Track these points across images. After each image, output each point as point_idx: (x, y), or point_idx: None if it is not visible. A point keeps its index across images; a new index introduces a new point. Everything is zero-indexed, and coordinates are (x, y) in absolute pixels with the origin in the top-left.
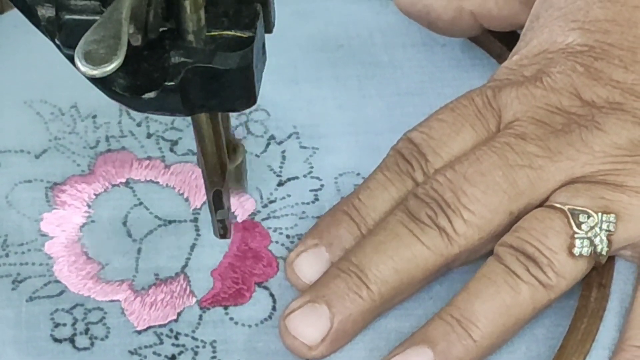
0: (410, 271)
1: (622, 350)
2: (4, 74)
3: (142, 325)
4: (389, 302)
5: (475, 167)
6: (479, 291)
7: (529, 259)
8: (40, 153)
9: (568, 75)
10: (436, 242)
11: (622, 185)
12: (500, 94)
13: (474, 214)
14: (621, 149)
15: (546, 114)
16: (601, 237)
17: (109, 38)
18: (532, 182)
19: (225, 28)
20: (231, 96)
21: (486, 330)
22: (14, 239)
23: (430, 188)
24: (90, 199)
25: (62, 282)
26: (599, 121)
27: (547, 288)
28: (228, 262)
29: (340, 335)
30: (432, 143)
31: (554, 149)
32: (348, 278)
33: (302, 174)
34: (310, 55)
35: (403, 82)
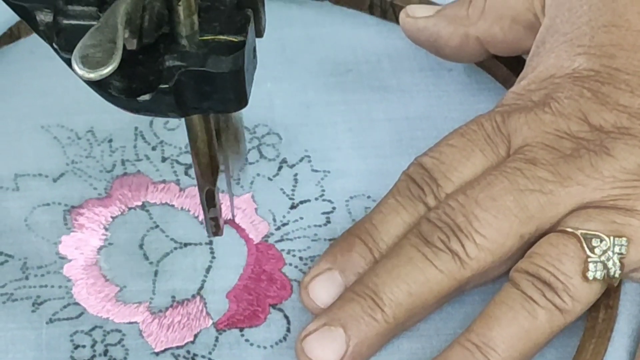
0: (423, 294)
1: None
2: (22, 100)
3: (160, 346)
4: (403, 324)
5: (486, 192)
6: (497, 317)
7: (544, 284)
8: (57, 177)
9: (575, 100)
10: (449, 266)
11: (633, 209)
12: (510, 120)
13: (486, 238)
14: (630, 174)
15: (555, 139)
16: (614, 261)
17: (105, 42)
18: (543, 206)
19: (217, 33)
20: (223, 98)
21: (505, 355)
22: (33, 261)
23: (443, 212)
24: (107, 222)
25: (81, 305)
26: (608, 146)
27: (563, 312)
28: (243, 284)
29: (356, 357)
30: (443, 168)
31: (564, 174)
32: (363, 301)
33: (314, 197)
34: (320, 80)
35: (411, 106)
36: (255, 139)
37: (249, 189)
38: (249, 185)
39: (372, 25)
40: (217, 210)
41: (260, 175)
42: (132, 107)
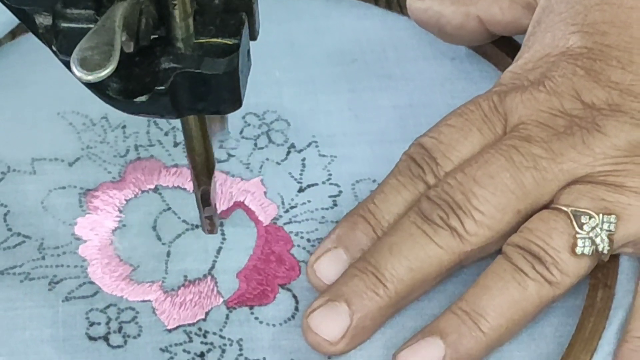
0: (424, 270)
1: (625, 342)
2: (38, 88)
3: (172, 324)
4: (405, 299)
5: (484, 169)
6: (488, 287)
7: (534, 257)
8: (73, 161)
9: (569, 78)
10: (448, 242)
11: (622, 186)
12: (506, 99)
13: (484, 214)
14: (620, 150)
15: (549, 117)
16: (602, 237)
17: (103, 45)
18: (538, 182)
19: (212, 35)
20: (218, 99)
21: (495, 323)
22: (49, 242)
23: (442, 190)
24: (121, 205)
25: (96, 284)
26: (599, 124)
27: (552, 285)
28: (253, 265)
29: (360, 331)
30: (442, 147)
31: (557, 150)
32: (366, 277)
33: (321, 181)
34: (327, 70)
35: (415, 93)
36: (264, 125)
37: (258, 173)
38: (258, 169)
39: (377, 16)
40: (212, 210)
41: (269, 160)
42: (129, 109)
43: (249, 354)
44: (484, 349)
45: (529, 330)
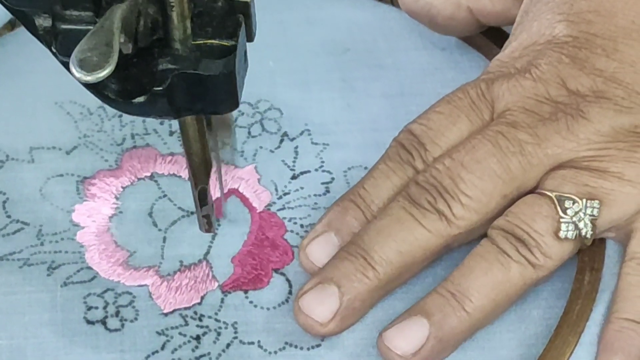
0: (412, 252)
1: (610, 323)
2: (36, 78)
3: (169, 308)
4: (394, 281)
5: (471, 154)
6: (473, 268)
7: (518, 240)
8: (70, 149)
9: (554, 66)
10: (436, 225)
11: (605, 171)
12: (493, 86)
13: (471, 199)
14: (604, 136)
15: (535, 103)
16: (585, 222)
17: (101, 46)
18: (524, 167)
19: (209, 37)
20: (215, 100)
21: (478, 303)
22: (48, 228)
23: (430, 175)
24: (117, 192)
25: (93, 269)
26: (584, 110)
27: (536, 267)
28: (247, 250)
29: (349, 312)
30: (431, 133)
31: (542, 136)
32: (355, 260)
33: (313, 168)
34: (319, 59)
35: (406, 83)
36: (257, 114)
37: (252, 160)
38: (252, 157)
39: (368, 8)
40: (210, 208)
41: (263, 148)
42: (127, 109)
43: (244, 337)
44: (467, 328)
45: (518, 313)
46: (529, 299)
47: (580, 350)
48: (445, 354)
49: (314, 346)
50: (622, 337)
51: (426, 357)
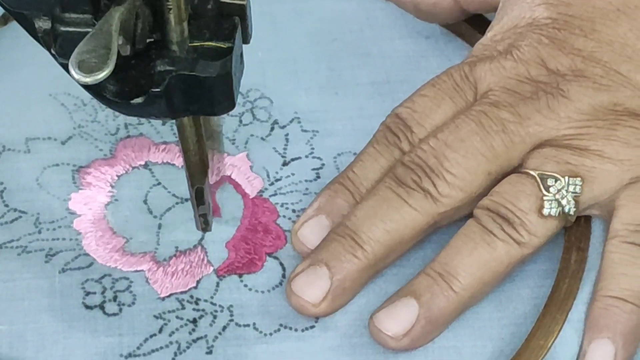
0: (400, 231)
1: (596, 301)
2: (31, 70)
3: (165, 292)
4: (383, 260)
5: (455, 134)
6: (459, 248)
7: (503, 219)
8: (65, 140)
9: (534, 47)
10: (422, 204)
11: (586, 149)
12: (476, 68)
13: (456, 177)
14: (584, 114)
15: (516, 83)
16: (568, 199)
17: (100, 48)
18: (506, 145)
19: (206, 39)
20: (212, 101)
21: (466, 282)
22: (45, 217)
23: (415, 156)
24: (113, 180)
25: (90, 255)
26: (563, 88)
27: (521, 245)
28: (241, 235)
29: (340, 292)
30: (416, 116)
31: (524, 114)
32: (344, 241)
33: (304, 155)
34: (307, 49)
35: (392, 71)
36: (248, 103)
37: (244, 148)
38: (243, 144)
39: None
40: (207, 208)
41: (254, 136)
42: (125, 110)
43: (240, 320)
44: (456, 307)
45: (506, 293)
46: (517, 279)
47: (568, 328)
48: (435, 334)
49: (308, 327)
50: (607, 314)
51: (416, 337)
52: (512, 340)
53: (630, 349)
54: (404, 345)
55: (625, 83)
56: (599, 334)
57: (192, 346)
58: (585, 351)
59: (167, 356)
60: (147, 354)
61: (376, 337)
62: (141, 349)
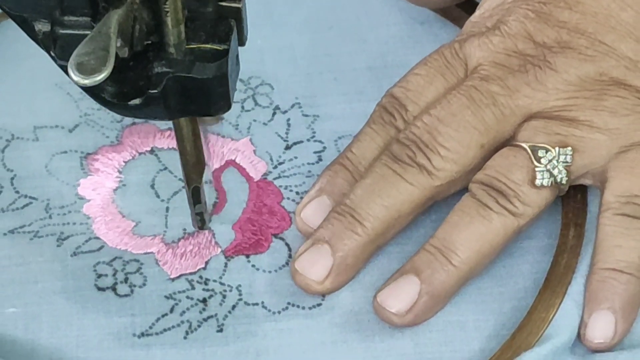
0: (397, 206)
1: (593, 274)
2: (37, 61)
3: (175, 273)
4: (383, 235)
5: (447, 109)
6: (456, 223)
7: (497, 192)
8: (72, 127)
9: (521, 21)
10: (418, 179)
11: (574, 119)
12: (465, 45)
13: (449, 150)
14: (571, 85)
15: (505, 57)
16: (559, 169)
17: (98, 50)
18: (497, 117)
19: (203, 41)
20: (208, 102)
21: (464, 256)
22: (55, 202)
23: (410, 132)
24: (120, 166)
25: (101, 239)
26: (550, 60)
27: (516, 216)
28: (247, 217)
29: (343, 269)
30: (410, 94)
31: (513, 87)
32: (344, 219)
33: (305, 139)
34: (305, 37)
35: (389, 56)
36: (249, 90)
37: (247, 133)
38: (246, 130)
39: None
40: (203, 206)
41: (257, 121)
42: (124, 111)
43: (248, 299)
44: (456, 281)
45: (507, 269)
46: (516, 255)
47: (569, 301)
48: (437, 307)
49: (315, 305)
50: (605, 286)
51: (420, 312)
52: (514, 314)
53: (630, 317)
54: (408, 321)
55: (610, 53)
56: (598, 306)
57: (203, 325)
58: (587, 323)
59: (179, 335)
60: (159, 333)
61: (381, 315)
62: (153, 328)
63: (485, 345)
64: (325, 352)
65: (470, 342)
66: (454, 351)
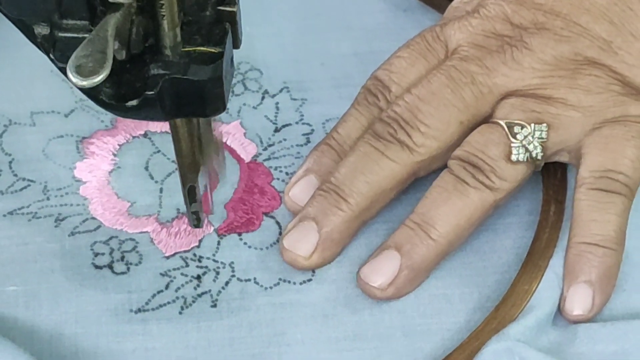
0: (380, 182)
1: (571, 248)
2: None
3: (170, 251)
4: (367, 211)
5: (427, 88)
6: (435, 199)
7: (474, 167)
8: (68, 113)
9: (499, 4)
10: (399, 155)
11: (550, 97)
12: (446, 28)
13: (430, 127)
14: (547, 64)
15: (483, 39)
16: (535, 144)
17: (96, 53)
18: (476, 95)
19: (198, 44)
20: (203, 103)
21: (443, 230)
22: (52, 184)
23: (391, 111)
24: (115, 149)
25: (97, 219)
26: (527, 41)
27: (492, 190)
28: (238, 197)
29: (329, 244)
30: (393, 76)
31: (491, 67)
32: (329, 196)
33: (294, 121)
34: (293, 23)
35: (374, 42)
36: (239, 74)
37: (237, 116)
38: (236, 113)
39: None
40: (199, 205)
41: (246, 105)
42: (121, 112)
43: (241, 275)
44: (435, 254)
45: (490, 244)
46: (499, 231)
47: (550, 273)
48: (418, 281)
49: (305, 281)
50: (582, 260)
51: (401, 286)
52: (498, 287)
53: (607, 289)
54: (389, 294)
55: (584, 34)
56: (575, 279)
57: (198, 300)
58: (565, 296)
59: (175, 310)
60: (155, 308)
61: (364, 289)
62: (149, 304)
63: (471, 317)
64: (317, 326)
65: (456, 314)
66: (440, 323)
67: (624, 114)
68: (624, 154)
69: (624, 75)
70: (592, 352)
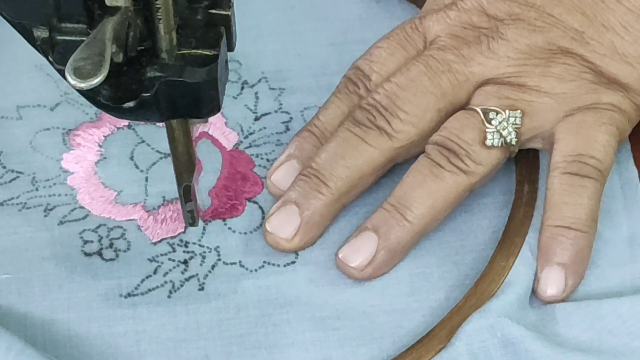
0: (359, 167)
1: (544, 230)
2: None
3: (157, 237)
4: (347, 194)
5: (406, 76)
6: (411, 182)
7: (450, 151)
8: (54, 106)
9: None
10: (378, 141)
11: (524, 85)
12: (425, 20)
13: (408, 114)
14: (521, 53)
15: (460, 29)
16: (509, 130)
17: (94, 56)
18: (453, 83)
19: (193, 47)
20: (198, 105)
21: (418, 212)
22: (40, 176)
23: (371, 98)
24: (100, 140)
25: (85, 208)
26: (502, 31)
27: (467, 174)
28: (222, 184)
29: (310, 227)
30: (373, 66)
31: (467, 56)
32: (310, 180)
33: (273, 110)
34: (269, 15)
35: (349, 32)
36: None
37: None
38: None
39: None
40: (194, 204)
41: (226, 95)
42: (118, 113)
43: (227, 259)
44: (411, 236)
45: (467, 224)
46: (475, 212)
47: (526, 250)
48: (395, 261)
49: (289, 263)
50: (554, 242)
51: (378, 266)
52: (475, 265)
53: (579, 271)
54: (367, 274)
55: (557, 24)
56: (549, 262)
57: (185, 284)
58: (539, 278)
59: (163, 294)
60: (144, 293)
61: (343, 270)
62: (139, 289)
63: (450, 294)
64: (301, 306)
65: (436, 292)
66: (420, 300)
67: (595, 101)
68: (595, 139)
69: (595, 65)
70: (569, 335)
